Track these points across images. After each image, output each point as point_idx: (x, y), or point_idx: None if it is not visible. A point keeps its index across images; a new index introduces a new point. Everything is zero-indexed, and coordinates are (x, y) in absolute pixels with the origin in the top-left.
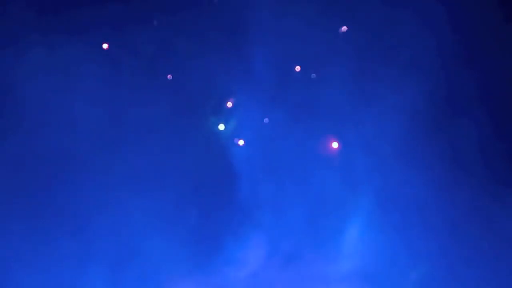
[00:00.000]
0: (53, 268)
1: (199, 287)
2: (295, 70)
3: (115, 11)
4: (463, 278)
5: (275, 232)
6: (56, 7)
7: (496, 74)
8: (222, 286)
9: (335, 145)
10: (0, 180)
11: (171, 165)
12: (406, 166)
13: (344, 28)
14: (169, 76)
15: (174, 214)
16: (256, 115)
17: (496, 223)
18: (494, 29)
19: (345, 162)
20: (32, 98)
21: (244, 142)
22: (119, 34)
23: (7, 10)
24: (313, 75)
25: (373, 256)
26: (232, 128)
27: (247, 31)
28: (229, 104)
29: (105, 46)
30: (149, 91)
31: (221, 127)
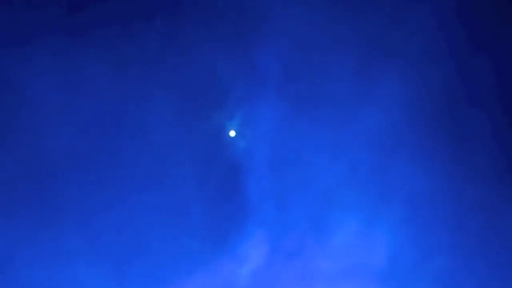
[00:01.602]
0: (59, 265)
1: (203, 282)
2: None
3: (119, 7)
4: (469, 273)
5: (278, 228)
6: (58, 4)
7: (503, 67)
8: (226, 281)
9: None
10: (6, 177)
11: (175, 161)
12: (412, 160)
13: None
14: None
15: (178, 210)
16: (261, 110)
17: (504, 217)
18: (504, 20)
19: (350, 157)
20: (38, 95)
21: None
22: (123, 29)
23: (11, 10)
24: None
25: (377, 252)
26: (236, 123)
27: (251, 24)
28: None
29: None
30: (153, 86)
31: (232, 133)
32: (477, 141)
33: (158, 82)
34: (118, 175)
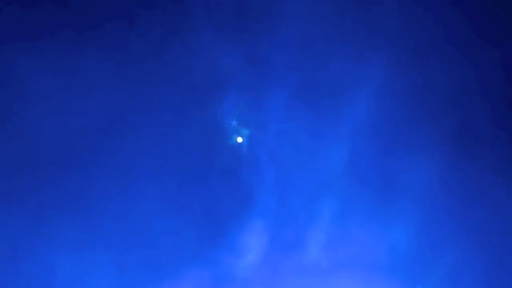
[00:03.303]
0: (61, 253)
1: (203, 271)
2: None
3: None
4: (470, 264)
5: (278, 218)
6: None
7: (509, 56)
8: (225, 271)
9: None
10: (12, 166)
11: (176, 152)
12: (413, 151)
13: None
14: None
15: (179, 201)
16: (261, 100)
17: (507, 208)
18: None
19: (350, 148)
20: (42, 89)
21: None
22: (124, 20)
23: (14, 9)
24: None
25: (377, 244)
26: (237, 114)
27: (253, 15)
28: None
29: None
30: (155, 77)
31: (239, 139)
32: (480, 132)
33: (160, 73)
34: (120, 166)
